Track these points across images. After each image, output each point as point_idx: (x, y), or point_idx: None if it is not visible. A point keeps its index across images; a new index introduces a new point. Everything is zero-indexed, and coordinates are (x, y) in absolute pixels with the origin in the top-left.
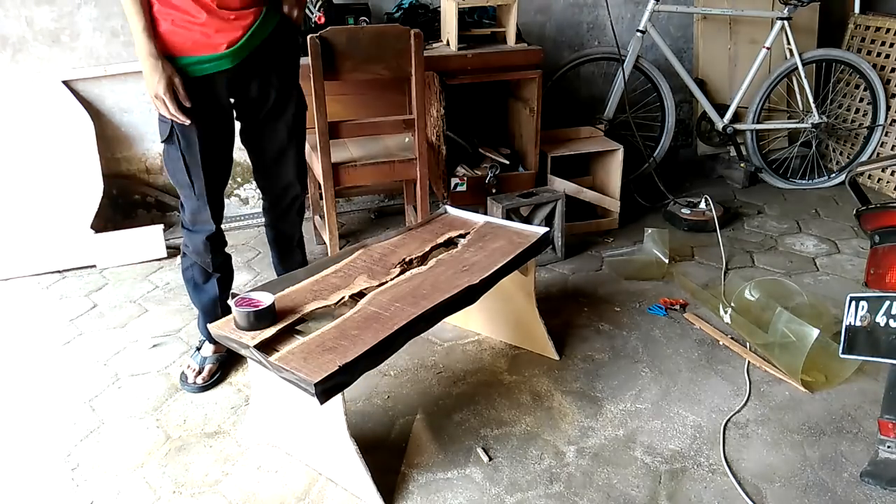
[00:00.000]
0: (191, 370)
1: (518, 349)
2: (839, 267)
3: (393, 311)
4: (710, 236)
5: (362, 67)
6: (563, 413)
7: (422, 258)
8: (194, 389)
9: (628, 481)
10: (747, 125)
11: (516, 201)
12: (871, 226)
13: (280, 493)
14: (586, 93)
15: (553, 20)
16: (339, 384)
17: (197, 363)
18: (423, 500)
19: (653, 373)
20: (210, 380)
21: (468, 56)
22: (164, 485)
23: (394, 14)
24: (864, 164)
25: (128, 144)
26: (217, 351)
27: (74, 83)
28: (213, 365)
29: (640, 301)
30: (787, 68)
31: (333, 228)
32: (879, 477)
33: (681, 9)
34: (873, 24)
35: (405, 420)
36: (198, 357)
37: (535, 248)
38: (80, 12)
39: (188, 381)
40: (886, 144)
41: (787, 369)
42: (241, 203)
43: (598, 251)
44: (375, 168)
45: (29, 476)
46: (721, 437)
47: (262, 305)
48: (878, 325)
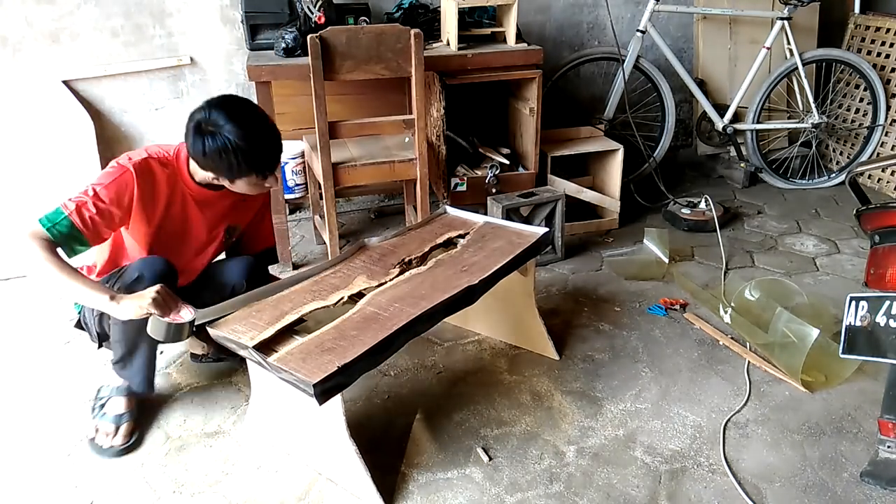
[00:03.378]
0: (102, 433)
1: (518, 349)
2: (839, 267)
3: (392, 311)
4: (710, 236)
5: (362, 67)
6: (563, 413)
7: (421, 258)
8: (114, 454)
9: (628, 481)
10: (747, 125)
11: (516, 201)
12: (871, 226)
13: (280, 493)
14: (586, 93)
15: (553, 20)
16: (338, 385)
17: (110, 422)
18: (423, 500)
19: (653, 373)
20: (130, 440)
21: (468, 56)
22: (164, 485)
23: (394, 14)
24: (864, 164)
25: (128, 144)
26: (130, 406)
27: (74, 83)
28: (129, 423)
29: (640, 301)
30: (787, 68)
31: (333, 228)
32: (879, 477)
33: (681, 9)
34: (873, 24)
35: (405, 420)
36: (106, 416)
37: (535, 249)
38: (80, 12)
39: (103, 447)
40: (886, 144)
41: (787, 369)
42: None
43: (598, 251)
44: (375, 168)
45: (29, 476)
46: (721, 437)
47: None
48: (878, 325)
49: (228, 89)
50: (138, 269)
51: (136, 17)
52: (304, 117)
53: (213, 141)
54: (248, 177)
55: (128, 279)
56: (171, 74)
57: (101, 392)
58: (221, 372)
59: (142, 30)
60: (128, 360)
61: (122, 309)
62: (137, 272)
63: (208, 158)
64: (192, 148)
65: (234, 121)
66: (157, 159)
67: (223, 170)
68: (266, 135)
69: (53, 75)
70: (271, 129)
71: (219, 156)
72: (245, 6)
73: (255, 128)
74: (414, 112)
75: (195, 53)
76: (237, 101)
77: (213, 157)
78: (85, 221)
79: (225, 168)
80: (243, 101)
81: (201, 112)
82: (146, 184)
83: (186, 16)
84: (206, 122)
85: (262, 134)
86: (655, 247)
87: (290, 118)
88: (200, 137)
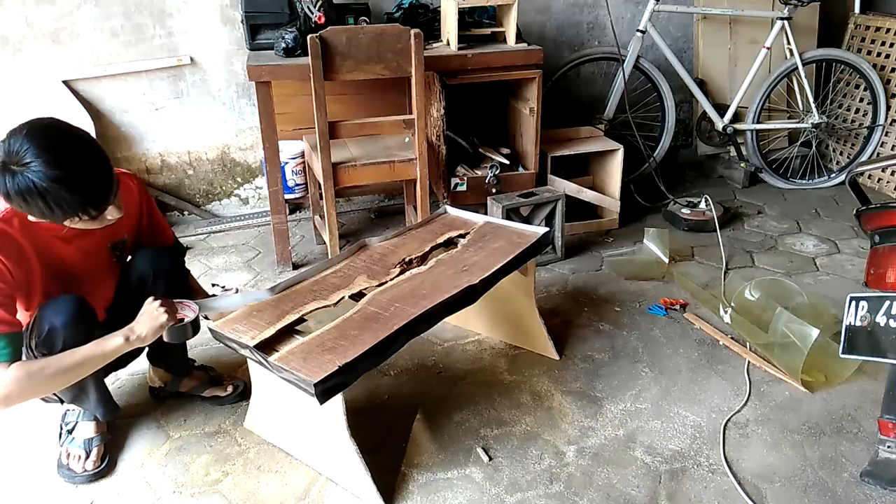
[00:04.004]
0: (73, 458)
1: (518, 349)
2: (839, 267)
3: (393, 311)
4: (710, 236)
5: (362, 67)
6: (563, 413)
7: (422, 258)
8: (86, 479)
9: (628, 481)
10: (747, 125)
11: (516, 201)
12: (871, 226)
13: (280, 493)
14: (586, 93)
15: (553, 20)
16: (339, 384)
17: (79, 447)
18: (423, 500)
19: (653, 373)
20: (102, 464)
21: (468, 56)
22: (164, 485)
23: (394, 14)
24: (864, 164)
25: (128, 144)
26: (99, 429)
27: (74, 83)
28: (99, 446)
29: (640, 301)
30: (787, 68)
31: (333, 228)
32: (879, 477)
33: (681, 9)
34: (873, 24)
35: (405, 420)
36: (74, 441)
37: (535, 248)
38: (80, 12)
39: (75, 473)
40: (886, 144)
41: (787, 369)
42: (241, 203)
43: (598, 251)
44: (375, 168)
45: (29, 476)
46: (721, 437)
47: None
48: (878, 325)
49: (228, 89)
50: (47, 320)
51: (136, 17)
52: (304, 117)
53: (14, 182)
54: (74, 219)
55: (41, 333)
56: (171, 74)
57: (68, 417)
58: (221, 371)
59: (142, 30)
60: (81, 398)
61: (144, 338)
62: (48, 324)
63: (13, 202)
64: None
65: (41, 156)
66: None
67: (41, 214)
68: (81, 171)
69: (53, 75)
70: (91, 162)
71: (23, 199)
72: (245, 6)
73: (68, 164)
74: (414, 112)
75: (195, 53)
76: (49, 128)
77: (18, 200)
78: (6, 321)
79: (37, 212)
80: (58, 128)
81: (5, 144)
82: (7, 250)
83: (186, 16)
84: (9, 157)
85: (76, 170)
86: (655, 247)
87: (290, 118)
88: (2, 177)
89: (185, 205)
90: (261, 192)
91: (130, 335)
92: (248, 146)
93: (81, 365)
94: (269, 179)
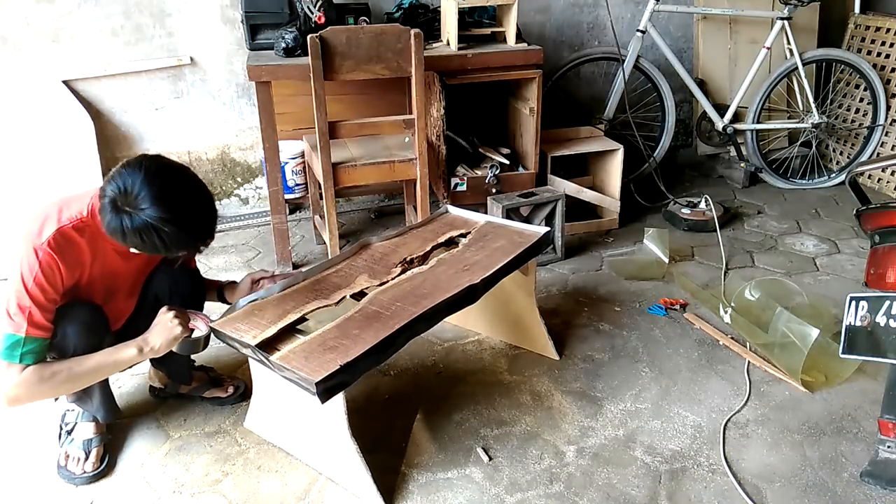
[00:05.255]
0: (72, 459)
1: (518, 349)
2: (839, 267)
3: (394, 310)
4: (710, 236)
5: (362, 67)
6: (563, 413)
7: (423, 258)
8: (85, 480)
9: (628, 481)
10: (747, 125)
11: (516, 201)
12: (871, 226)
13: (280, 493)
14: (586, 93)
15: (553, 20)
16: (341, 383)
17: (79, 448)
18: (423, 500)
19: (653, 373)
20: (101, 465)
21: (468, 56)
22: (164, 485)
23: (394, 14)
24: (864, 164)
25: (128, 144)
26: (99, 430)
27: (74, 83)
28: (99, 447)
29: (640, 301)
30: (787, 68)
31: (333, 228)
32: (879, 477)
33: (681, 9)
34: (873, 24)
35: (405, 420)
36: (74, 442)
37: (536, 248)
38: (80, 12)
39: (74, 474)
40: (886, 144)
41: (787, 369)
42: (241, 203)
43: (598, 251)
44: (375, 168)
45: (29, 476)
46: (721, 437)
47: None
48: (878, 325)
49: (228, 89)
50: (61, 326)
51: (136, 16)
52: (304, 117)
53: (132, 223)
54: (177, 253)
55: (58, 344)
56: (171, 74)
57: (67, 418)
58: (221, 371)
59: (142, 30)
60: (85, 399)
61: (158, 350)
62: (61, 330)
63: (128, 239)
64: (108, 227)
65: (157, 203)
66: (72, 226)
67: (148, 249)
68: (195, 214)
69: (53, 75)
70: (203, 205)
71: (140, 239)
72: (245, 6)
73: (182, 208)
74: (414, 112)
75: (195, 53)
76: (161, 171)
77: (134, 238)
78: (43, 328)
79: (150, 248)
80: (168, 170)
81: (114, 185)
82: (68, 255)
83: (186, 16)
84: (122, 200)
85: (190, 213)
86: (655, 247)
87: (290, 118)
88: (118, 218)
89: None
90: (261, 192)
91: (144, 346)
92: (248, 146)
93: (93, 373)
94: (269, 179)
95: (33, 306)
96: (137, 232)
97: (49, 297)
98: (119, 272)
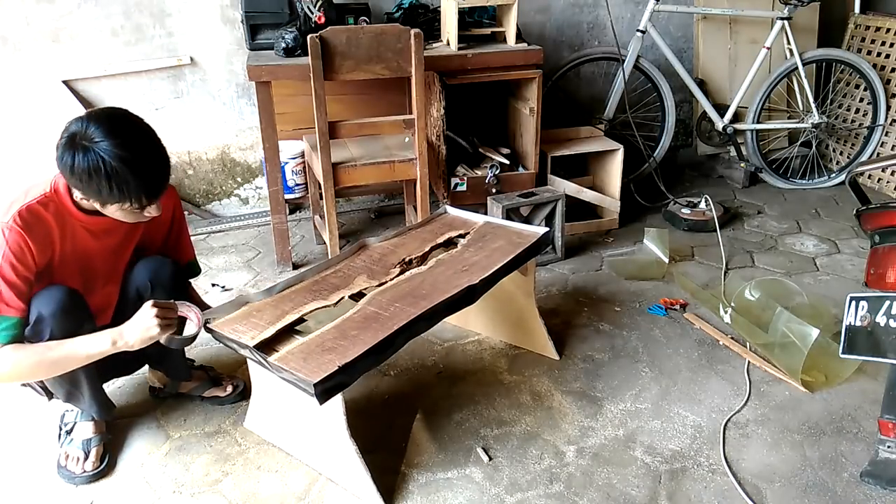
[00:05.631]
0: (72, 459)
1: (518, 349)
2: (839, 267)
3: (393, 311)
4: (710, 236)
5: (362, 67)
6: (563, 413)
7: (421, 258)
8: (85, 480)
9: (628, 481)
10: (747, 125)
11: (516, 201)
12: (871, 226)
13: (280, 493)
14: (586, 93)
15: (553, 20)
16: (339, 384)
17: (78, 448)
18: (423, 500)
19: (653, 373)
20: (101, 465)
21: (468, 56)
22: (164, 485)
23: (394, 14)
24: (864, 164)
25: None
26: (98, 429)
27: (74, 83)
28: (98, 447)
29: (640, 301)
30: (787, 68)
31: (333, 228)
32: (879, 477)
33: (681, 9)
34: (873, 24)
35: (405, 420)
36: (73, 442)
37: (535, 248)
38: (80, 12)
39: (74, 474)
40: (886, 144)
41: (787, 369)
42: (241, 203)
43: (598, 251)
44: (375, 168)
45: (29, 476)
46: (721, 437)
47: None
48: (878, 325)
49: (228, 89)
50: (36, 308)
51: (136, 16)
52: (304, 117)
53: (84, 158)
54: (122, 204)
55: (34, 328)
56: (171, 74)
57: (66, 418)
58: (221, 371)
59: (142, 30)
60: (76, 395)
61: (131, 346)
62: (36, 312)
63: (75, 177)
64: (60, 161)
65: (112, 137)
66: (37, 201)
67: (92, 192)
68: (147, 159)
69: (53, 75)
70: (156, 153)
71: (87, 176)
72: (245, 6)
73: (136, 149)
74: (414, 112)
75: (195, 53)
76: (123, 115)
77: (82, 175)
78: (15, 307)
79: (93, 191)
80: (130, 117)
81: (78, 123)
82: (36, 231)
83: (186, 16)
84: (80, 134)
85: (142, 157)
86: (655, 247)
87: (290, 118)
88: (71, 151)
89: (185, 205)
90: (261, 192)
91: (118, 340)
92: (248, 146)
93: (65, 360)
94: (269, 179)
95: (3, 284)
96: (87, 170)
97: (20, 275)
98: (92, 252)
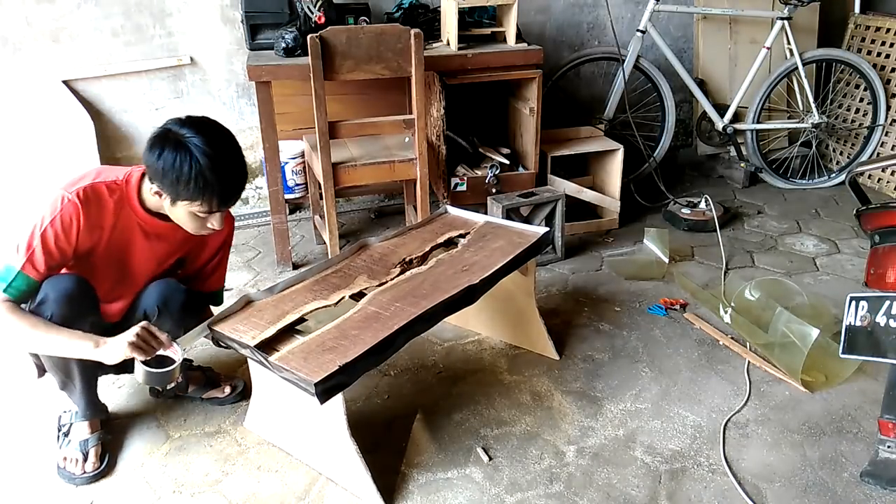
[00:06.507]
0: (70, 461)
1: (518, 349)
2: (839, 267)
3: (393, 310)
4: (710, 236)
5: (362, 67)
6: (563, 413)
7: (422, 258)
8: (86, 480)
9: (628, 481)
10: (747, 125)
11: (516, 201)
12: (871, 226)
13: (280, 493)
14: (586, 93)
15: (553, 20)
16: (340, 384)
17: (76, 450)
18: (423, 500)
19: (653, 373)
20: (101, 465)
21: (468, 56)
22: (164, 485)
23: (394, 14)
24: (864, 164)
25: (127, 144)
26: (94, 429)
27: (74, 83)
28: (97, 446)
29: (640, 301)
30: (787, 68)
31: (333, 228)
32: (879, 477)
33: (681, 9)
34: (873, 24)
35: (405, 420)
36: (71, 444)
37: (535, 248)
38: (80, 12)
39: (74, 475)
40: (886, 144)
41: (787, 369)
42: (241, 203)
43: (598, 251)
44: (375, 168)
45: (29, 476)
46: (721, 437)
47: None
48: (878, 325)
49: (228, 89)
50: (44, 289)
51: (136, 16)
52: (304, 117)
53: (174, 149)
54: (193, 203)
55: (36, 299)
56: (171, 74)
57: (63, 419)
58: (221, 371)
59: (142, 30)
60: (69, 385)
61: (106, 354)
62: (43, 293)
63: (158, 166)
64: (148, 151)
65: (204, 136)
66: (105, 184)
67: (168, 185)
68: (231, 164)
69: (53, 75)
70: (239, 163)
71: (171, 165)
72: (245, 6)
73: (223, 152)
74: (414, 112)
75: (195, 53)
76: (216, 123)
77: (166, 165)
78: (39, 271)
79: (170, 183)
80: (221, 127)
81: (174, 121)
82: (92, 211)
83: (186, 16)
84: (175, 130)
85: (227, 161)
86: (655, 247)
87: (290, 118)
88: (160, 143)
89: None
90: (261, 192)
91: (97, 347)
92: (248, 146)
93: (49, 345)
94: (269, 179)
95: (39, 247)
96: (175, 157)
97: (59, 245)
98: (136, 251)
